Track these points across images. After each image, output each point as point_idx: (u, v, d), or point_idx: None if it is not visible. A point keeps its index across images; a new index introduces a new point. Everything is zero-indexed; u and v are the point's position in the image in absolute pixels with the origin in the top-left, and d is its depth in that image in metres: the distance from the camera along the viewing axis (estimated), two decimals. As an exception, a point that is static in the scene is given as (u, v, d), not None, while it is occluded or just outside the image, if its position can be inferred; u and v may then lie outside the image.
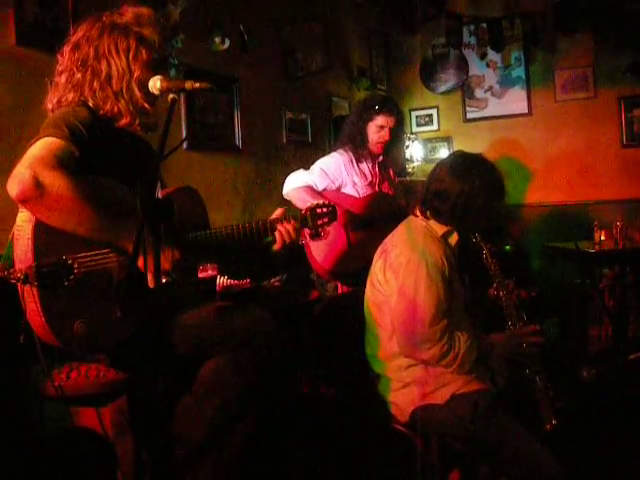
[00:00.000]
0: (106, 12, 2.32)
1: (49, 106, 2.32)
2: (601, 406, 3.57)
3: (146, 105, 2.28)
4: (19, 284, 1.94)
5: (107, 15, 2.31)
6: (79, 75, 2.26)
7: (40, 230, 1.99)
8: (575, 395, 3.34)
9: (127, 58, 2.25)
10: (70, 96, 2.27)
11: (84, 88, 2.26)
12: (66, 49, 2.32)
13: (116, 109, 2.26)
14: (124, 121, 2.28)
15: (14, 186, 1.92)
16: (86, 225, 2.01)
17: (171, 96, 1.96)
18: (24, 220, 2.00)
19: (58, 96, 2.30)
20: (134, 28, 2.28)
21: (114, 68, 2.25)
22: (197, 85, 2.02)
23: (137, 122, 2.30)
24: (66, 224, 1.99)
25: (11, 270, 1.95)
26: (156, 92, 2.07)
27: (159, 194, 2.39)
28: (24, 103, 3.20)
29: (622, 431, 3.41)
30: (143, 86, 2.22)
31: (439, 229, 2.73)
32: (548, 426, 2.57)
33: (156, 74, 2.22)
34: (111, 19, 2.29)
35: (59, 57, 2.34)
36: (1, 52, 3.25)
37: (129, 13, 2.32)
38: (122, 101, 2.26)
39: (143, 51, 2.26)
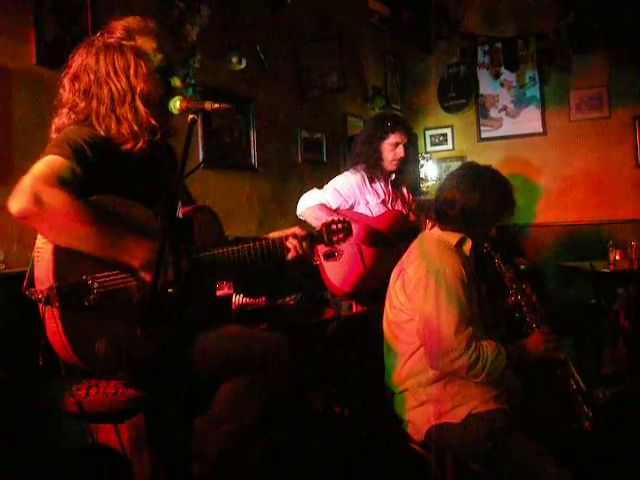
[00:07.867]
0: (97, 34, 2.27)
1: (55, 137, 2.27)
2: (616, 428, 3.54)
3: (152, 121, 2.21)
4: (40, 305, 1.95)
5: (98, 38, 2.25)
6: (83, 104, 2.22)
7: (60, 251, 1.99)
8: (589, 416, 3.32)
9: (127, 76, 2.19)
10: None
11: (91, 117, 2.21)
12: (66, 81, 2.26)
13: (119, 133, 2.19)
14: (127, 146, 2.20)
15: (15, 203, 1.93)
16: (86, 241, 1.99)
17: (191, 116, 1.97)
18: (44, 242, 2.01)
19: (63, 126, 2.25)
20: (127, 43, 2.22)
21: (115, 90, 2.19)
22: (217, 106, 2.02)
23: (141, 143, 2.21)
24: (66, 240, 1.98)
25: (32, 290, 1.97)
26: (176, 112, 2.09)
27: (180, 212, 2.39)
28: (44, 122, 3.21)
29: (637, 453, 3.38)
30: (147, 101, 2.21)
31: (452, 238, 2.74)
32: (587, 424, 2.57)
33: (160, 83, 2.24)
34: (103, 40, 2.23)
35: (60, 90, 2.28)
36: (22, 71, 3.30)
37: (119, 28, 2.25)
38: (125, 124, 2.19)
39: (142, 64, 2.20)
